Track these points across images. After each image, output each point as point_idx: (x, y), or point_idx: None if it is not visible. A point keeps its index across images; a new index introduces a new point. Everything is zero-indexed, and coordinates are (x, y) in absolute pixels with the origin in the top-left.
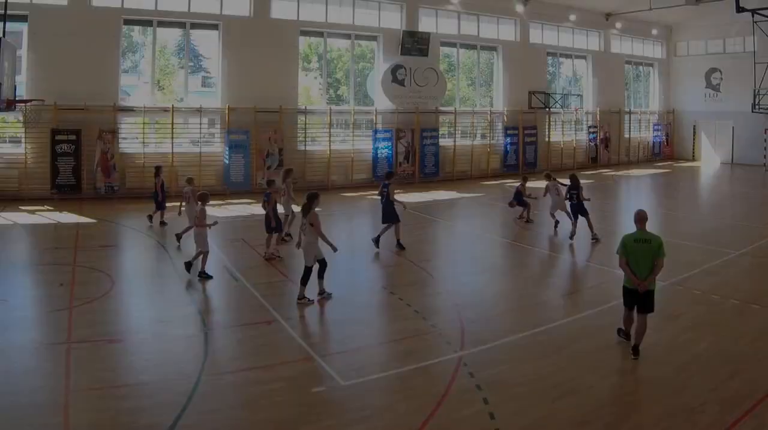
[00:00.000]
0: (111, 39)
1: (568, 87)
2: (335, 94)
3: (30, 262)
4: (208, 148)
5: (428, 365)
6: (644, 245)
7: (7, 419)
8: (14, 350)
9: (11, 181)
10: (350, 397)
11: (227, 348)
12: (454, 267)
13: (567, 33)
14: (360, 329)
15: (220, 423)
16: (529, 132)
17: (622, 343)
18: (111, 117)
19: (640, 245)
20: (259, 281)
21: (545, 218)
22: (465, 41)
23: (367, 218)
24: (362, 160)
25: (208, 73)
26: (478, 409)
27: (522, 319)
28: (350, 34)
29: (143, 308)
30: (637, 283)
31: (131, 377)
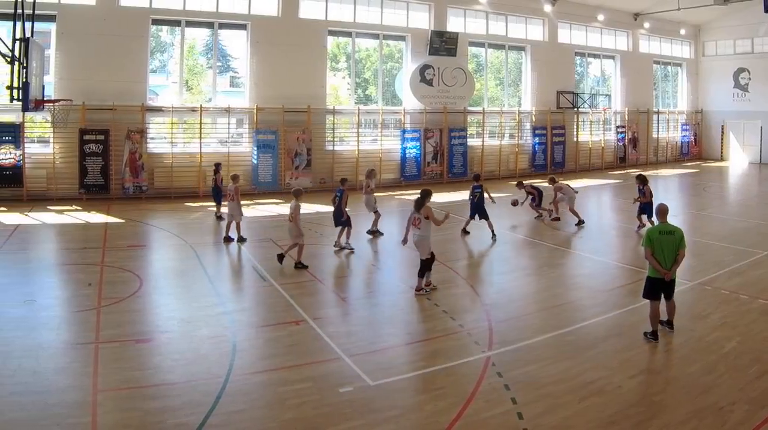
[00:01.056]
0: (139, 39)
1: (596, 87)
2: (363, 94)
3: (58, 262)
4: (236, 148)
5: (456, 364)
6: (669, 237)
7: (36, 418)
8: (42, 349)
9: (39, 181)
10: (378, 397)
11: (255, 348)
12: (482, 267)
13: (595, 33)
14: (388, 329)
15: (248, 423)
16: (558, 132)
17: (650, 342)
18: (139, 117)
19: (665, 237)
20: (288, 281)
21: (572, 219)
22: (493, 41)
23: (395, 218)
24: (390, 160)
25: (236, 73)
26: (507, 409)
27: (550, 319)
28: (378, 34)
29: (171, 307)
30: (664, 272)
31: (159, 377)
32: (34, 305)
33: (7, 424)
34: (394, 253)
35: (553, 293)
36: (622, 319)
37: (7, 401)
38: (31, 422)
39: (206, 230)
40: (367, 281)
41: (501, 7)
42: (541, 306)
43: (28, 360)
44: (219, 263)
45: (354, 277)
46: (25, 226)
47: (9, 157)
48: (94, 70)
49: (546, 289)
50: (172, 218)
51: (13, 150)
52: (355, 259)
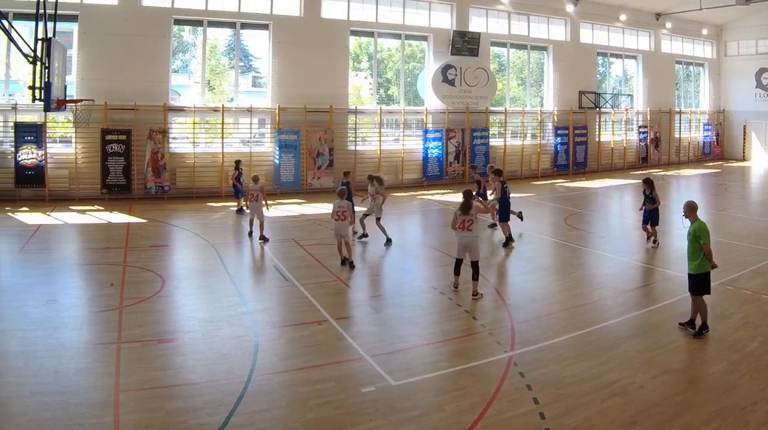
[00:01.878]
0: (161, 39)
1: (618, 87)
2: (385, 94)
3: (80, 262)
4: (258, 148)
5: (479, 365)
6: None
7: (58, 418)
8: (65, 349)
9: (62, 181)
10: (400, 397)
11: (277, 348)
12: (504, 267)
13: (617, 33)
14: (410, 329)
15: (270, 423)
16: (580, 132)
17: (672, 342)
18: (161, 117)
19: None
20: (310, 281)
21: (595, 219)
22: (515, 41)
23: (417, 218)
24: (412, 160)
25: (258, 73)
26: (529, 409)
27: (572, 319)
28: (400, 34)
29: (193, 307)
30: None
31: (181, 377)
32: (56, 305)
33: (30, 423)
34: (416, 253)
35: (575, 293)
36: (644, 319)
37: (30, 400)
38: (54, 422)
39: (228, 230)
40: (390, 282)
41: (523, 7)
42: (563, 306)
43: (51, 360)
44: (241, 262)
45: (376, 277)
46: (47, 226)
47: (31, 157)
48: (116, 70)
49: (568, 289)
50: (194, 217)
51: (36, 150)
52: (377, 259)
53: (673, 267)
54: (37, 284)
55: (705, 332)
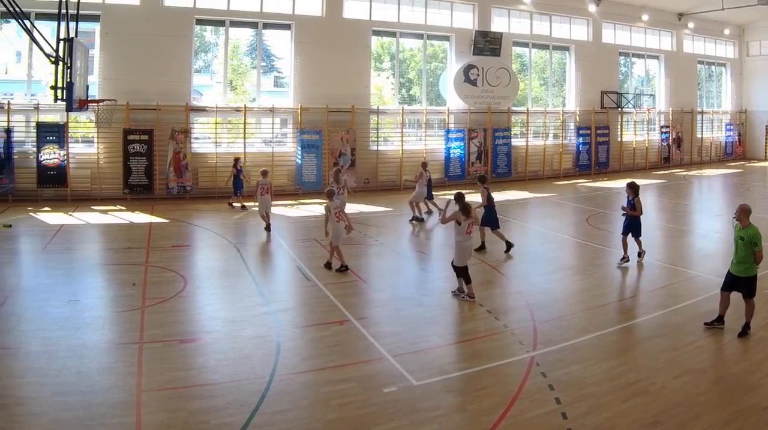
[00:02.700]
0: (183, 39)
1: (640, 87)
2: (407, 94)
3: (102, 262)
4: (280, 148)
5: (500, 364)
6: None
7: (80, 418)
8: (87, 349)
9: (84, 181)
10: (422, 397)
11: (299, 348)
12: (526, 267)
13: (639, 33)
14: (432, 329)
15: (292, 423)
16: (602, 132)
17: (694, 343)
18: (183, 117)
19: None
20: (332, 281)
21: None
22: (537, 41)
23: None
24: (434, 160)
25: (280, 73)
26: (551, 409)
27: (594, 319)
28: (422, 34)
29: (215, 307)
30: None
31: (203, 377)
32: (78, 305)
33: (52, 423)
34: (438, 254)
35: (596, 293)
36: (666, 319)
37: (52, 400)
38: (76, 422)
39: (250, 230)
40: (411, 282)
41: (545, 7)
42: (584, 306)
43: (73, 360)
44: (263, 263)
45: (398, 277)
46: (69, 226)
47: (53, 157)
48: (138, 70)
49: (590, 289)
50: (216, 217)
51: (58, 150)
52: (399, 259)
53: (694, 267)
54: (59, 284)
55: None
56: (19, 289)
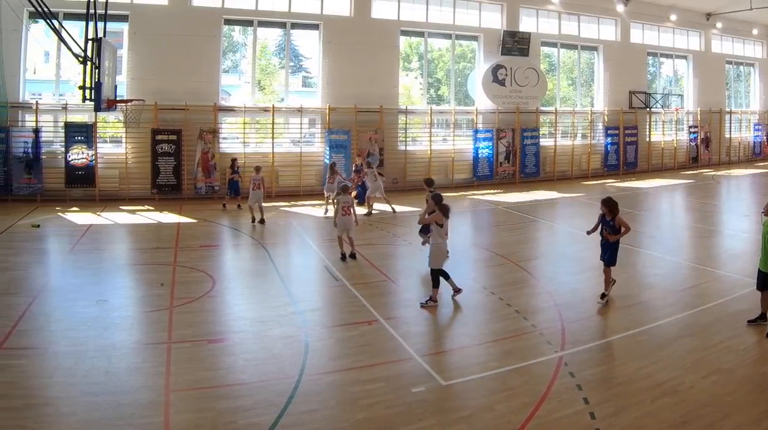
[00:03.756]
0: (211, 39)
1: (668, 87)
2: (436, 94)
3: (130, 262)
4: (308, 148)
5: (529, 364)
6: None
7: (109, 418)
8: (115, 349)
9: (112, 181)
10: (450, 397)
11: (327, 348)
12: (554, 267)
13: (667, 33)
14: (460, 329)
15: (320, 423)
16: (630, 132)
17: (722, 343)
18: (211, 117)
19: None
20: (360, 281)
21: (645, 219)
22: (566, 41)
23: (468, 218)
24: (463, 160)
25: (308, 73)
26: (579, 409)
27: (622, 319)
28: (451, 34)
29: (243, 307)
30: None
31: (231, 377)
32: (106, 305)
33: (80, 424)
34: (466, 253)
35: (625, 293)
36: (694, 319)
37: (80, 401)
38: (104, 422)
39: (279, 230)
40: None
41: (573, 7)
42: (613, 306)
43: (101, 360)
44: (291, 262)
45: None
46: (97, 226)
47: (81, 157)
48: (166, 70)
49: (618, 289)
50: (244, 217)
51: (86, 150)
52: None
53: (722, 267)
54: (88, 284)
55: None
56: (48, 289)
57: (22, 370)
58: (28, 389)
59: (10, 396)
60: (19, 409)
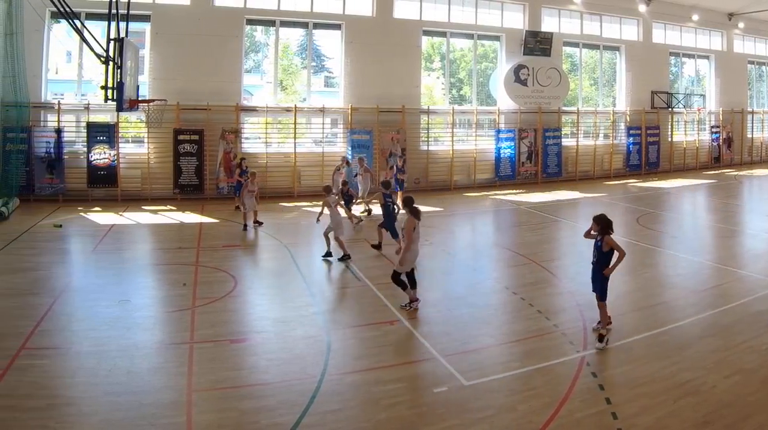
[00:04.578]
0: (234, 39)
1: (690, 87)
2: (458, 94)
3: (152, 262)
4: (330, 149)
5: (551, 365)
6: None
7: (131, 418)
8: (137, 349)
9: (134, 181)
10: (472, 397)
11: (350, 348)
12: (576, 267)
13: (689, 33)
14: (482, 328)
15: (343, 423)
16: (652, 132)
17: (745, 343)
18: (233, 117)
19: None
20: (382, 281)
21: (668, 219)
22: (588, 41)
23: (490, 218)
24: (485, 161)
25: (330, 73)
26: (601, 409)
27: (644, 319)
28: (473, 34)
29: (265, 307)
30: None
31: (253, 377)
32: (128, 305)
33: (103, 423)
34: (488, 253)
35: (647, 293)
36: (717, 319)
37: (103, 400)
38: (127, 422)
39: (301, 230)
40: (462, 281)
41: (595, 7)
42: (635, 306)
43: (123, 360)
44: (313, 262)
45: (448, 277)
46: (119, 226)
47: (103, 157)
48: (188, 70)
49: (640, 289)
50: (266, 217)
51: (108, 150)
52: (448, 259)
53: (744, 267)
54: (110, 284)
55: None
56: (70, 289)
57: (45, 370)
58: (51, 388)
59: (33, 396)
60: (41, 409)
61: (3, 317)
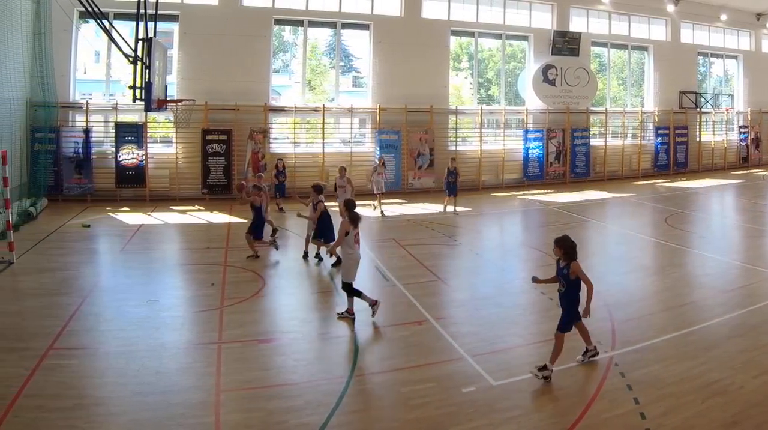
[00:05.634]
0: (262, 39)
1: (718, 87)
2: (486, 94)
3: (181, 262)
4: (358, 148)
5: (579, 365)
6: None
7: (159, 418)
8: (165, 349)
9: (162, 181)
10: (500, 397)
11: (378, 348)
12: (604, 267)
13: (717, 33)
14: (511, 328)
15: (371, 423)
16: (680, 132)
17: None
18: (262, 117)
19: None
20: (411, 281)
21: (695, 219)
22: (616, 41)
23: (518, 218)
24: (513, 161)
25: (358, 73)
26: (629, 409)
27: (672, 319)
28: (501, 34)
29: (293, 307)
30: None
31: (281, 377)
32: (156, 305)
33: (131, 423)
34: (517, 253)
35: (675, 293)
36: (745, 319)
37: (131, 400)
38: (155, 422)
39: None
40: (490, 282)
41: (623, 7)
42: (663, 306)
43: (151, 360)
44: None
45: (476, 277)
46: (147, 226)
47: (132, 157)
48: (216, 70)
49: (668, 289)
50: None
51: (136, 150)
52: (476, 259)
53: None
54: (138, 284)
55: None
56: (98, 289)
57: (73, 370)
58: (79, 388)
59: (61, 396)
60: (70, 409)
61: (31, 316)
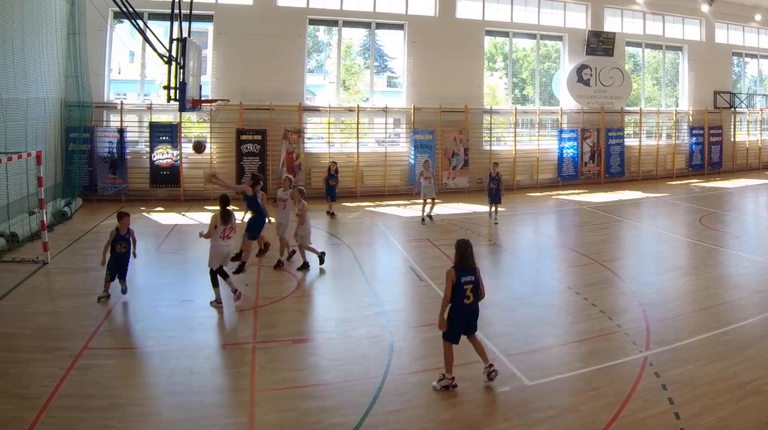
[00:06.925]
0: (296, 39)
1: (753, 87)
2: (521, 94)
3: None
4: (393, 148)
5: (613, 364)
6: None
7: (193, 418)
8: (199, 349)
9: (197, 181)
10: (535, 397)
11: (412, 348)
12: (639, 267)
13: (752, 33)
14: (545, 329)
15: (406, 423)
16: (715, 132)
17: None
18: (296, 117)
19: None
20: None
21: (730, 219)
22: (650, 41)
23: (552, 218)
24: (547, 160)
25: (393, 73)
26: (664, 409)
27: (707, 319)
28: (535, 34)
29: (328, 307)
30: None
31: (316, 377)
32: (191, 305)
33: (165, 424)
34: (551, 253)
35: (710, 292)
36: None
37: (165, 400)
38: (189, 422)
39: (364, 230)
40: (524, 282)
41: (658, 7)
42: (698, 306)
43: (186, 360)
44: (376, 263)
45: (510, 277)
46: (182, 226)
47: (166, 157)
48: (250, 70)
49: (703, 289)
50: (329, 218)
51: (171, 150)
52: (511, 259)
53: None
54: (172, 283)
55: None
56: (133, 289)
57: (108, 370)
58: (113, 388)
59: (96, 396)
60: (104, 409)
61: (66, 316)
